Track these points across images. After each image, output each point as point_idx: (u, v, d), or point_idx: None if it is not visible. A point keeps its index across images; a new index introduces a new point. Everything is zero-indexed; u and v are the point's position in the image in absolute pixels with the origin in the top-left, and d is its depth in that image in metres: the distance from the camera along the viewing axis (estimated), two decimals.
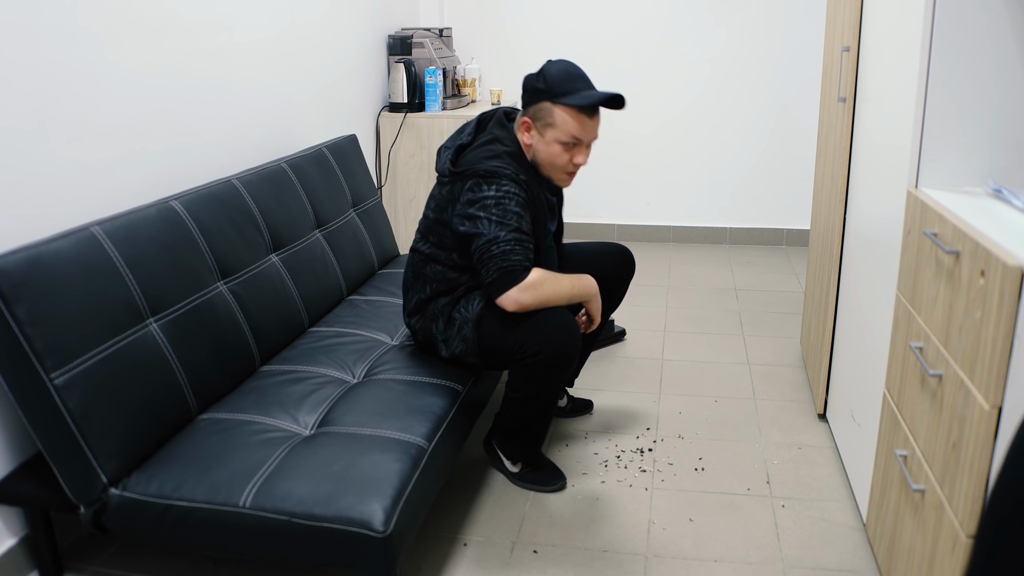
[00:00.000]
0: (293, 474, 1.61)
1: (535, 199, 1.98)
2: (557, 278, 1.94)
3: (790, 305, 3.53)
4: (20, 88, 1.71)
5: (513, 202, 1.89)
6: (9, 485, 1.70)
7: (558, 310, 1.93)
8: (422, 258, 2.09)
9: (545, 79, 1.95)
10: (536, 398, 2.00)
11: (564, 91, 1.93)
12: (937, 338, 1.43)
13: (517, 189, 1.91)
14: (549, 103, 1.94)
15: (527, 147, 2.02)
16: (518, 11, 4.31)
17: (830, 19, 2.54)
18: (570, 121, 1.94)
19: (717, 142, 4.33)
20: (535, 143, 2.00)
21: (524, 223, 1.91)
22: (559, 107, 1.94)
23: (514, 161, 1.96)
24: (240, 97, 2.55)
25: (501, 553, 1.93)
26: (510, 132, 2.03)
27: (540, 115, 1.97)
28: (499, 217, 1.88)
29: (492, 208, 1.89)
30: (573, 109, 1.93)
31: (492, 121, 2.08)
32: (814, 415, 2.56)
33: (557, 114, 1.94)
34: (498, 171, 1.91)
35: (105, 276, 1.69)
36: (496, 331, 1.97)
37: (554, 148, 1.98)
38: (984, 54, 1.53)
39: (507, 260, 1.87)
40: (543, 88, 1.95)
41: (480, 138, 2.04)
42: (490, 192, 1.90)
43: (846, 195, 2.27)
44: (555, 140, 1.97)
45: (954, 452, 1.33)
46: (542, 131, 1.98)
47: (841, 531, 1.99)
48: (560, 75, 1.94)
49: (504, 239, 1.87)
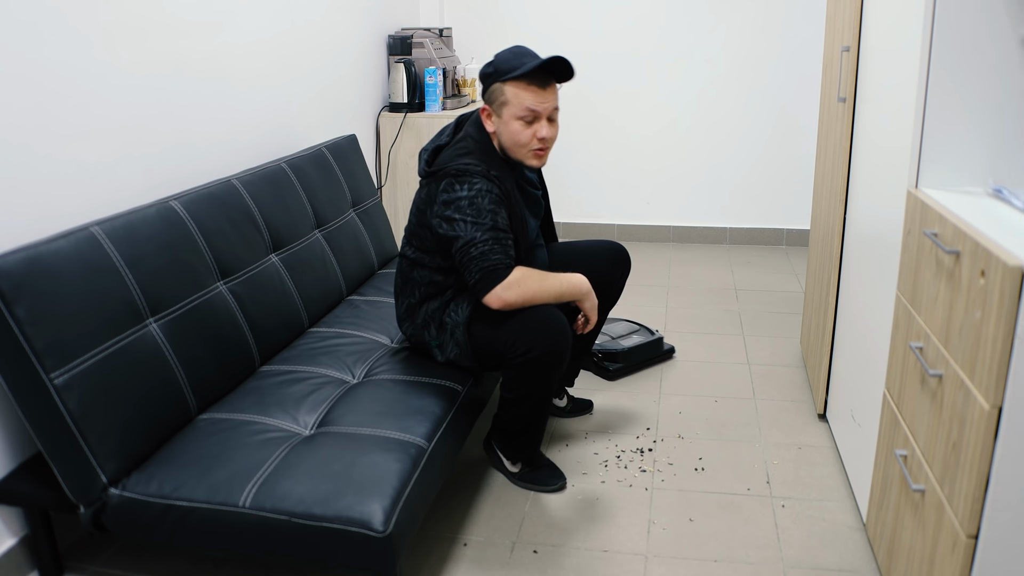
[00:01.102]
0: (293, 474, 1.61)
1: (509, 193, 1.98)
2: (543, 275, 1.95)
3: (790, 305, 3.53)
4: (20, 88, 1.71)
5: (486, 199, 1.91)
6: (9, 485, 1.70)
7: (547, 307, 1.94)
8: (409, 263, 2.10)
9: (494, 63, 1.99)
10: (530, 397, 2.00)
11: (511, 68, 1.96)
12: (937, 338, 1.43)
13: (489, 185, 1.92)
14: (499, 83, 1.98)
15: (493, 135, 2.04)
16: (518, 11, 4.31)
17: (830, 19, 2.54)
18: (521, 94, 1.95)
19: (717, 142, 4.33)
20: (497, 127, 2.02)
21: (500, 219, 1.91)
22: (508, 84, 1.96)
23: (485, 156, 1.98)
24: (240, 97, 2.55)
25: (501, 553, 1.93)
26: (482, 129, 2.05)
27: (494, 97, 2.00)
28: (474, 217, 1.89)
29: (466, 209, 1.90)
30: (522, 82, 1.95)
31: (469, 121, 2.10)
32: (814, 415, 2.56)
33: (508, 91, 1.96)
34: (468, 169, 1.93)
35: (105, 276, 1.69)
36: (487, 332, 1.97)
37: (514, 126, 1.98)
38: (984, 54, 1.53)
39: (487, 260, 1.88)
40: (492, 72, 1.99)
41: (455, 138, 2.06)
42: (463, 192, 1.91)
43: (846, 195, 2.27)
44: (512, 117, 1.97)
45: (954, 452, 1.33)
46: (499, 112, 2.00)
47: (841, 531, 1.99)
48: (507, 56, 1.98)
49: (481, 239, 1.88)
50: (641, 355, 2.89)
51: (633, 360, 2.87)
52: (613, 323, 3.05)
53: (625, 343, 2.89)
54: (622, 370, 2.85)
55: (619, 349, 2.84)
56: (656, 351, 2.95)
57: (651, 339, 2.93)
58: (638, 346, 2.88)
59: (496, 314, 1.94)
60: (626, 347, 2.85)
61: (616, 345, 2.87)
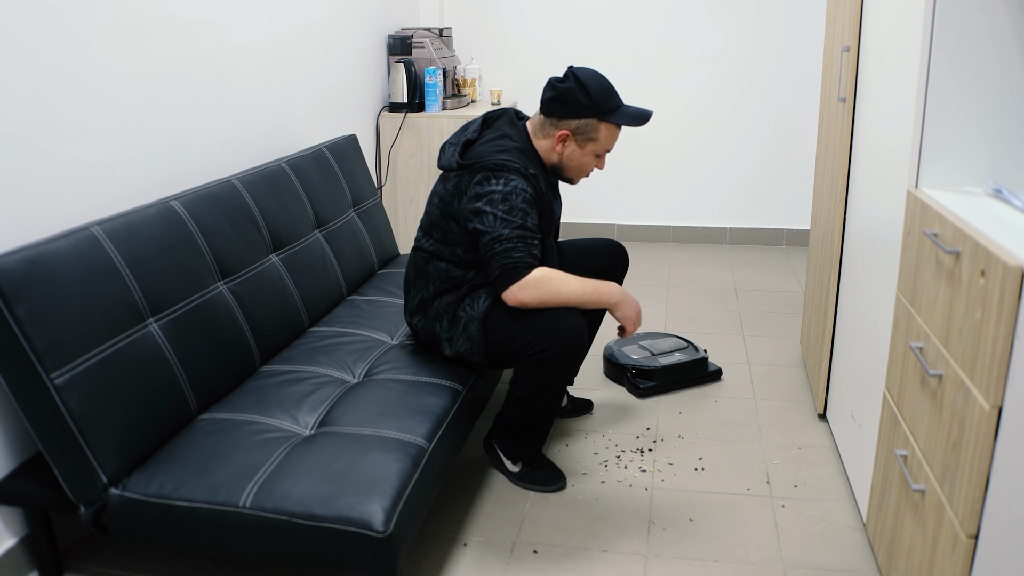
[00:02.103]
0: (293, 474, 1.61)
1: (543, 194, 1.99)
2: (565, 279, 1.93)
3: (790, 305, 3.53)
4: (20, 88, 1.71)
5: (520, 198, 1.91)
6: (9, 485, 1.70)
7: (565, 307, 1.94)
8: (425, 256, 2.09)
9: (589, 95, 1.97)
10: (542, 395, 2.00)
11: (609, 109, 1.99)
12: (937, 338, 1.43)
13: (525, 184, 1.92)
14: (596, 120, 2.00)
15: (557, 154, 2.05)
16: (518, 11, 4.31)
17: (830, 19, 2.54)
18: (613, 136, 2.05)
19: (717, 142, 4.33)
20: (570, 152, 2.04)
21: (530, 219, 1.92)
22: (605, 124, 2.01)
23: (523, 156, 1.98)
24: (240, 97, 2.55)
25: (501, 553, 1.93)
26: (520, 131, 2.06)
27: (585, 130, 2.01)
28: (505, 213, 1.89)
29: (499, 204, 1.90)
30: (617, 127, 2.03)
31: (502, 119, 2.10)
32: (814, 415, 2.56)
33: (602, 130, 2.02)
34: (507, 164, 1.92)
35: (105, 276, 1.69)
36: (504, 328, 1.97)
37: (589, 159, 2.07)
38: (984, 54, 1.53)
39: (508, 257, 1.88)
40: (589, 105, 1.98)
41: (488, 134, 2.05)
42: (498, 187, 1.91)
43: (846, 195, 2.27)
44: (593, 152, 2.05)
45: (954, 452, 1.33)
46: (582, 144, 2.03)
47: (841, 531, 1.99)
48: (600, 91, 1.99)
49: (507, 236, 1.88)
50: (679, 375, 2.73)
51: (669, 380, 2.71)
52: (660, 338, 2.90)
53: (663, 360, 2.73)
54: (654, 388, 2.69)
55: (655, 367, 2.69)
56: (697, 372, 2.76)
57: (693, 358, 2.75)
58: (676, 365, 2.72)
59: (514, 311, 1.94)
60: (663, 364, 2.70)
61: (653, 362, 2.72)
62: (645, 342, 2.86)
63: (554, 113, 2.01)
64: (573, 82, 1.98)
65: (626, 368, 2.74)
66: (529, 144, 2.04)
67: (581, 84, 1.97)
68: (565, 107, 1.99)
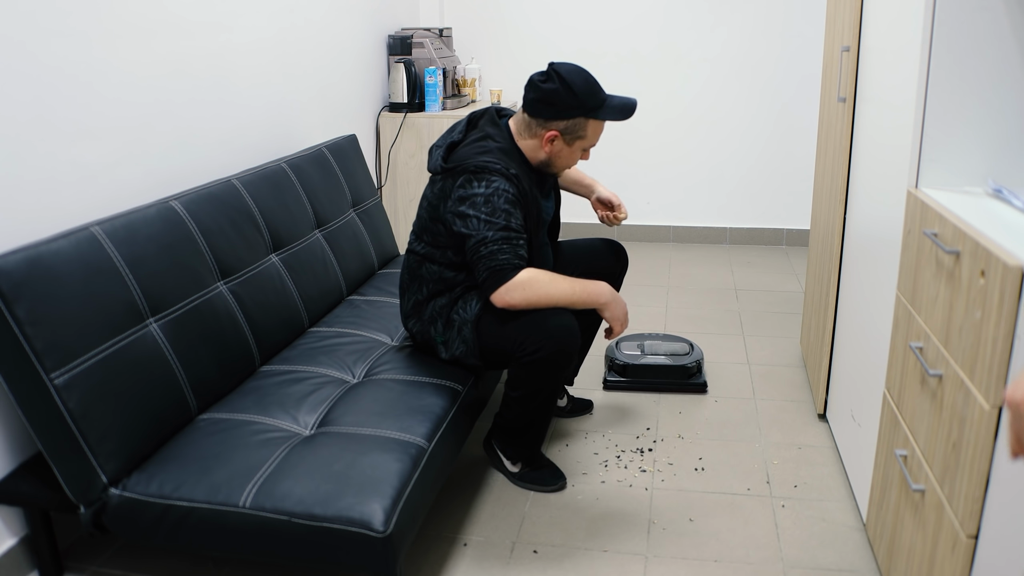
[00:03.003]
0: (293, 474, 1.61)
1: (527, 193, 1.98)
2: (554, 279, 1.93)
3: (790, 305, 3.53)
4: (20, 88, 1.71)
5: (502, 199, 1.90)
6: (9, 485, 1.71)
7: (557, 308, 1.93)
8: (417, 259, 2.09)
9: (575, 95, 1.95)
10: (536, 396, 2.00)
11: (595, 105, 1.98)
12: (937, 338, 1.43)
13: (507, 184, 1.91)
14: (584, 118, 1.98)
15: (545, 154, 2.04)
16: (518, 11, 4.31)
17: (830, 19, 2.54)
18: (599, 131, 2.04)
19: (717, 142, 4.33)
20: (558, 151, 2.03)
21: (514, 220, 1.91)
22: (592, 120, 2.00)
23: (505, 155, 1.97)
24: (240, 97, 2.55)
25: (501, 553, 1.93)
26: (502, 130, 2.05)
27: (573, 130, 2.00)
28: (488, 215, 1.89)
29: (481, 206, 1.89)
30: (604, 121, 2.01)
31: (484, 119, 2.09)
32: (814, 415, 2.56)
33: (590, 127, 2.01)
34: (488, 166, 1.91)
35: (105, 276, 1.69)
36: (495, 330, 1.97)
37: (576, 154, 2.06)
38: (984, 54, 1.53)
39: (494, 260, 1.88)
40: (576, 105, 1.96)
41: (471, 135, 2.05)
42: (479, 189, 1.90)
43: (846, 195, 2.27)
44: (580, 148, 2.05)
45: (954, 452, 1.33)
46: (571, 142, 2.02)
47: (841, 531, 1.99)
48: (586, 89, 1.96)
49: (492, 239, 1.88)
50: (651, 376, 2.70)
51: (640, 379, 2.70)
52: (666, 341, 2.84)
53: (642, 360, 2.71)
54: (620, 384, 2.71)
55: (627, 363, 2.70)
56: (675, 377, 2.69)
57: (676, 364, 2.69)
58: (651, 366, 2.69)
59: (505, 312, 1.94)
60: (636, 364, 2.69)
61: (632, 360, 2.71)
62: (648, 341, 2.87)
63: (540, 115, 1.98)
64: (558, 82, 1.94)
65: (607, 359, 2.81)
66: (512, 143, 2.03)
67: (566, 84, 1.94)
68: (552, 109, 1.96)
